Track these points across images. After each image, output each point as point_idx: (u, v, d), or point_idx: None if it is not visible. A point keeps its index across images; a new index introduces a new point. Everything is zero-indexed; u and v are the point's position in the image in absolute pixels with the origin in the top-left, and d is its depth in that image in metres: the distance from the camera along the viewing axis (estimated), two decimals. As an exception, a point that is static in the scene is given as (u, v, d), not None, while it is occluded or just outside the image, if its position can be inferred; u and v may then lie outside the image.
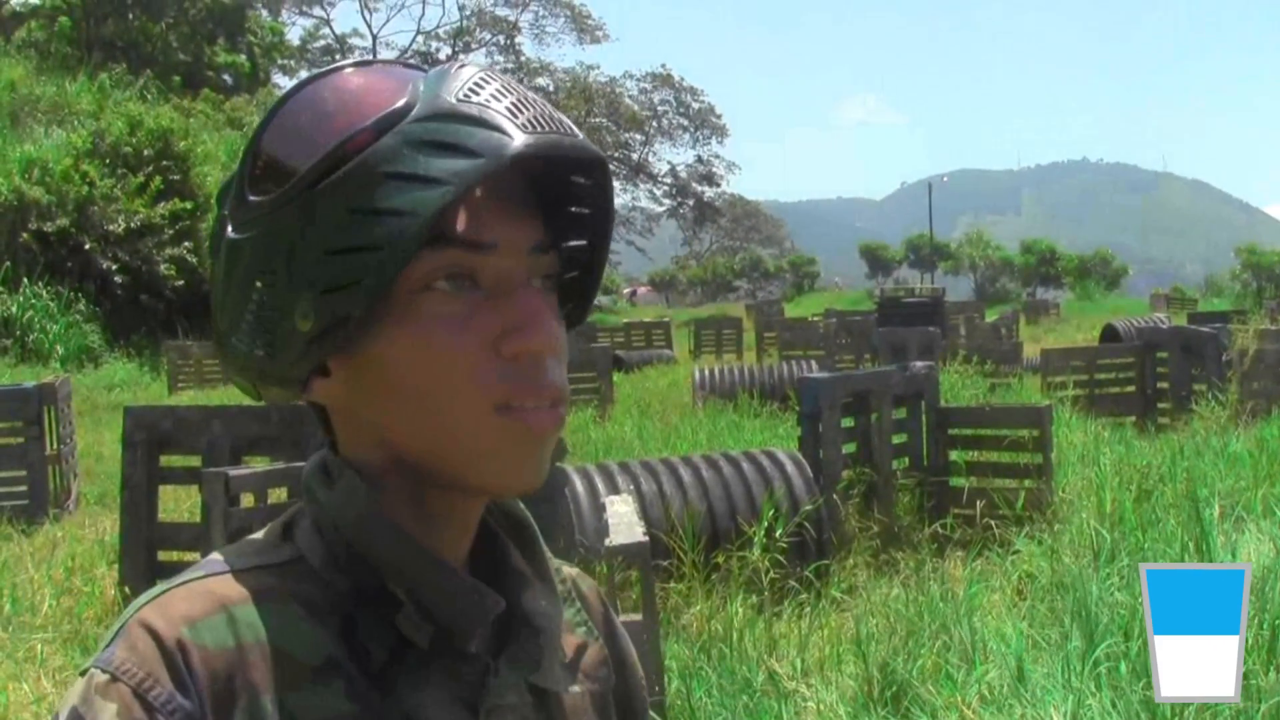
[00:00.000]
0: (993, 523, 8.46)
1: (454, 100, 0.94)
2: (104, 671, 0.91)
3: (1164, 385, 15.78)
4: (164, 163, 28.75)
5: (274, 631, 0.96)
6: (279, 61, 59.45)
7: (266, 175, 0.98)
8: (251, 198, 0.98)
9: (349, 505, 1.00)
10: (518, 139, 0.92)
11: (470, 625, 1.00)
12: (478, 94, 0.95)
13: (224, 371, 1.09)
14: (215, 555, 1.03)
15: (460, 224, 0.95)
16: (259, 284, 0.97)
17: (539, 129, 0.94)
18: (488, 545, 1.10)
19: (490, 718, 1.01)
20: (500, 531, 1.11)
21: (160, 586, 0.99)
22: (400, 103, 0.95)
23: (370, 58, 1.04)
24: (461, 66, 0.98)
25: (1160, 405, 15.68)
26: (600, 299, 64.11)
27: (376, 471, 1.01)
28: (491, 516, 1.11)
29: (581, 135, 0.98)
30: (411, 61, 1.04)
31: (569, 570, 1.22)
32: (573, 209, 1.04)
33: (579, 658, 1.14)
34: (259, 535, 1.06)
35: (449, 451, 0.98)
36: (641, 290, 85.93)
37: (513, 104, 0.95)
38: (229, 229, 1.00)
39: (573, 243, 1.05)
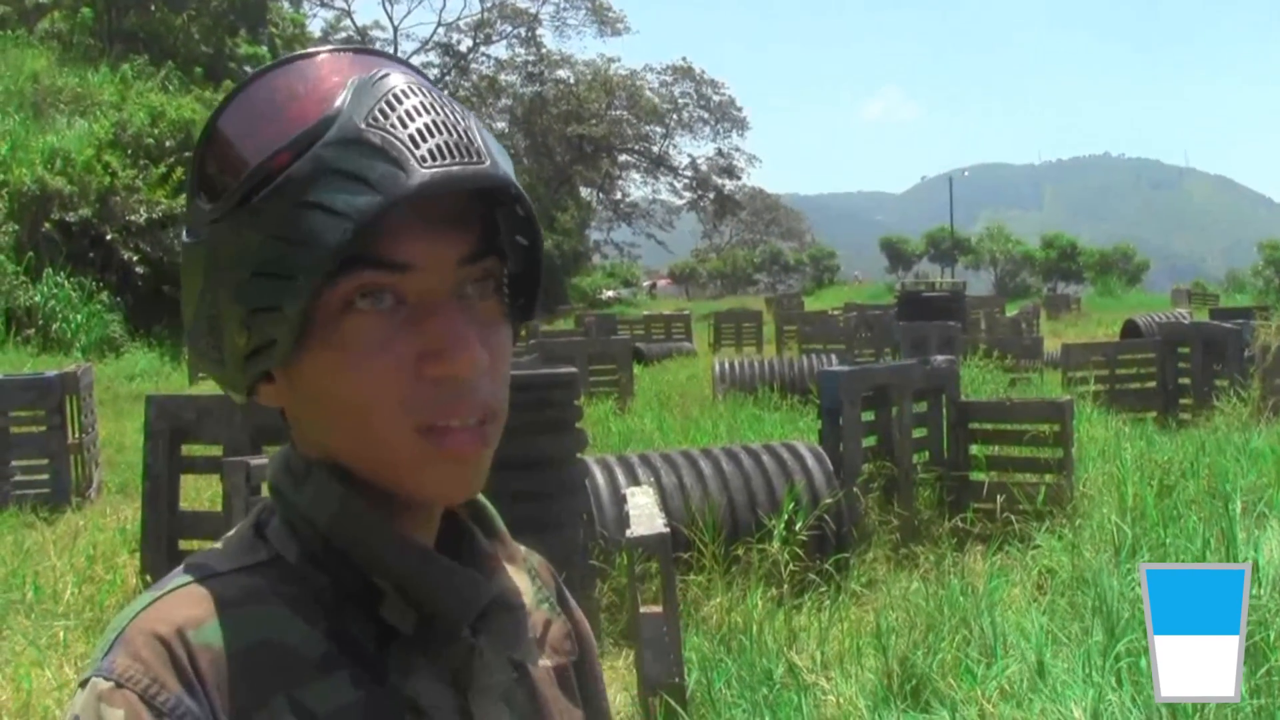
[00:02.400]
0: (1013, 517, 8.45)
1: (362, 125, 0.93)
2: (106, 679, 0.91)
3: (1185, 381, 15.72)
4: (186, 154, 28.65)
5: (272, 630, 0.97)
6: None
7: (210, 183, 0.99)
8: (199, 203, 1.00)
9: (322, 503, 1.01)
10: (414, 177, 0.92)
11: (465, 613, 1.01)
12: (387, 116, 0.94)
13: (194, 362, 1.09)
14: (194, 560, 1.03)
15: (377, 245, 0.95)
16: (205, 291, 0.99)
17: (439, 159, 0.93)
18: (452, 530, 1.11)
19: (479, 697, 1.03)
20: (462, 515, 1.12)
21: (149, 595, 0.98)
22: (322, 116, 0.94)
23: (318, 49, 1.03)
24: (384, 76, 0.97)
25: (1182, 401, 15.62)
26: (620, 291, 64.24)
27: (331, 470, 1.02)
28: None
29: (490, 160, 0.96)
30: (368, 49, 1.04)
31: (520, 548, 1.23)
32: (518, 208, 1.02)
33: (545, 633, 1.16)
34: (230, 536, 1.06)
35: (376, 467, 0.99)
36: (661, 283, 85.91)
37: (419, 130, 0.94)
38: (184, 230, 1.02)
39: (519, 240, 1.04)
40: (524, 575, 1.13)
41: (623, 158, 69.86)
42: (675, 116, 69.09)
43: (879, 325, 24.86)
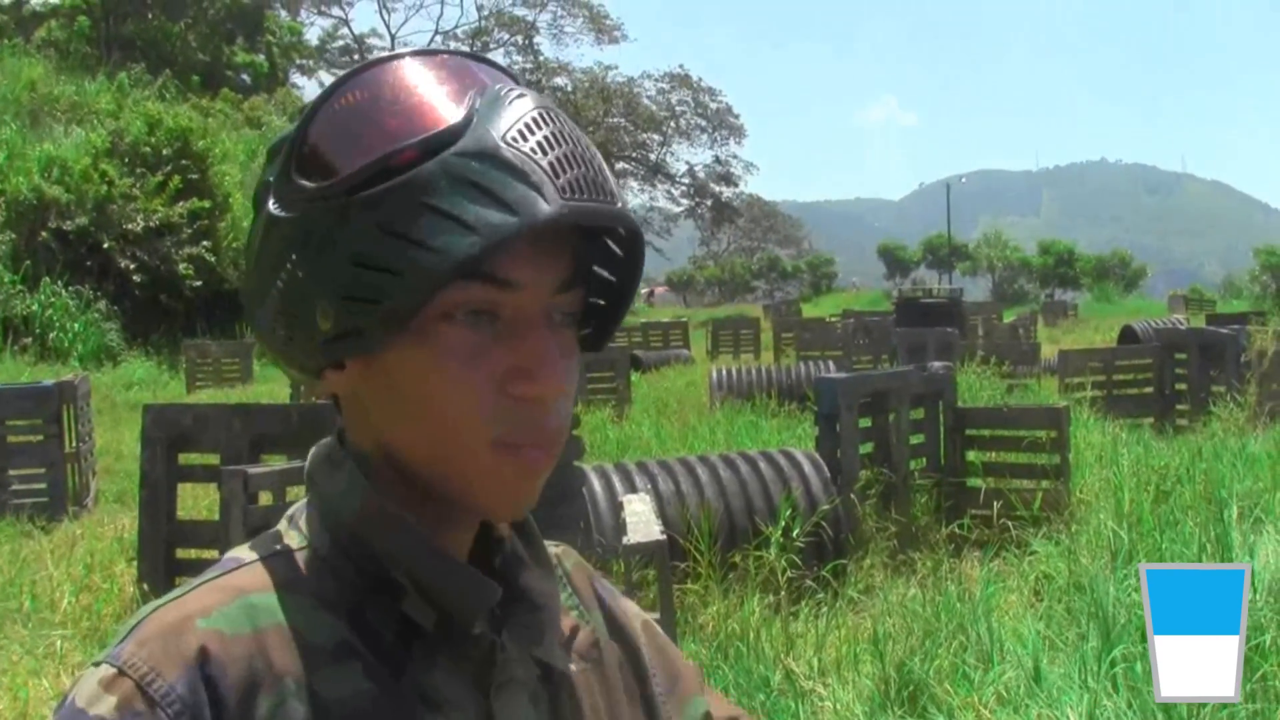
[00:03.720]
0: (1010, 523, 8.45)
1: (500, 142, 0.93)
2: (112, 666, 0.93)
3: (1182, 387, 15.75)
4: (182, 162, 28.79)
5: (290, 616, 0.98)
6: (297, 61, 59.63)
7: (313, 161, 0.98)
8: (296, 179, 0.98)
9: (350, 496, 1.02)
10: (553, 205, 0.92)
11: (471, 612, 1.01)
12: (526, 139, 0.94)
13: (251, 329, 1.10)
14: (229, 555, 1.05)
15: (491, 262, 0.95)
16: (289, 265, 0.98)
17: (577, 194, 0.93)
18: (483, 531, 1.11)
19: (501, 692, 1.03)
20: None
21: (177, 590, 1.00)
22: (453, 122, 0.94)
23: (438, 48, 1.03)
24: (519, 97, 0.97)
25: (1178, 407, 15.64)
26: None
27: (376, 465, 1.03)
28: None
29: (621, 204, 0.97)
30: (482, 56, 1.03)
31: (552, 549, 1.23)
32: (610, 242, 1.04)
33: (572, 638, 1.15)
34: (267, 532, 1.07)
35: (444, 473, 1.00)
36: (659, 290, 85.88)
37: (558, 159, 0.94)
38: (270, 201, 1.00)
39: (604, 275, 1.06)
40: (555, 580, 1.13)
41: (620, 165, 69.81)
42: (672, 124, 69.11)
43: (876, 332, 24.90)
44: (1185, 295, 50.79)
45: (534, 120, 0.95)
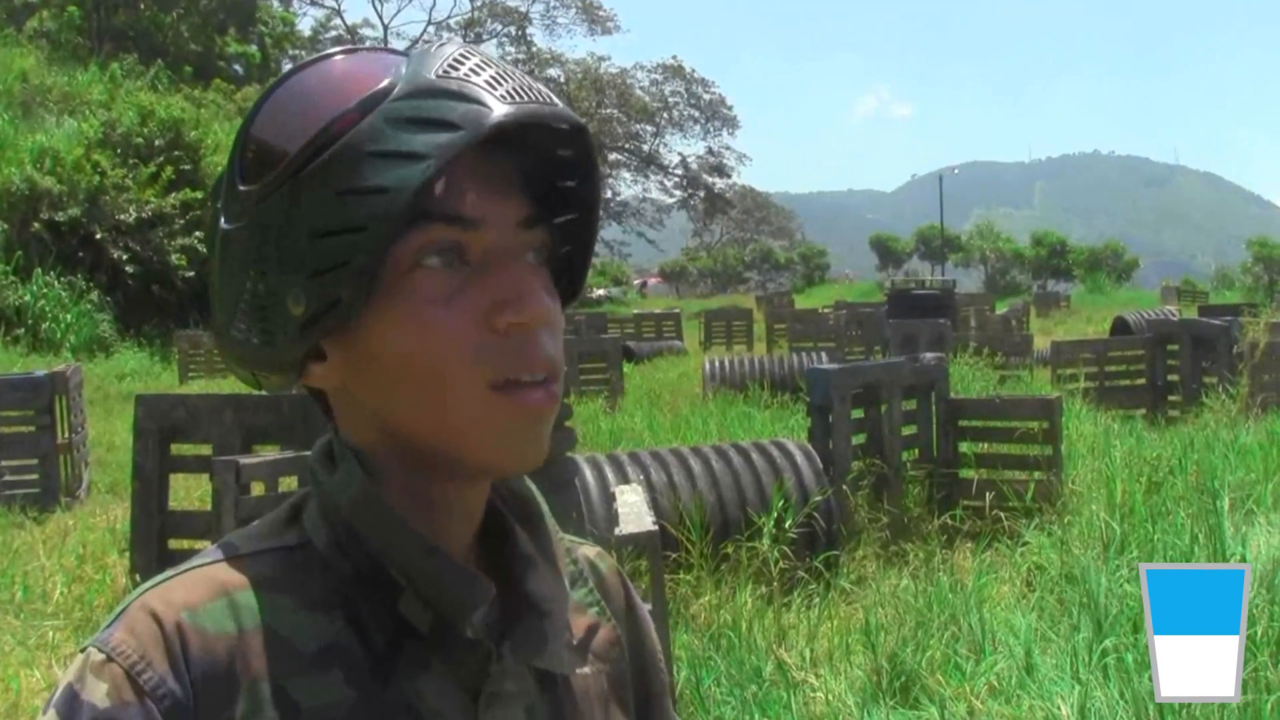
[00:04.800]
0: (1002, 514, 8.45)
1: (434, 76, 0.94)
2: (100, 651, 0.92)
3: (1174, 378, 15.77)
4: (175, 152, 28.77)
5: (274, 617, 0.96)
6: (290, 52, 59.45)
7: (255, 164, 0.98)
8: (242, 187, 0.99)
9: (347, 489, 1.00)
10: (498, 109, 0.93)
11: (462, 612, 0.99)
12: (458, 69, 0.95)
13: (224, 363, 1.09)
14: (226, 539, 1.03)
15: (445, 200, 0.95)
16: (251, 272, 0.98)
17: (518, 99, 0.94)
18: (493, 528, 1.09)
19: (490, 705, 1.01)
20: (506, 513, 1.10)
21: (167, 572, 0.99)
22: (384, 83, 0.95)
23: (356, 45, 1.04)
24: (442, 44, 0.98)
25: (1170, 398, 15.68)
26: (611, 290, 64.24)
27: (375, 456, 1.01)
28: (498, 497, 1.10)
29: (561, 104, 0.97)
30: (395, 48, 1.04)
31: (586, 550, 1.22)
32: (563, 184, 1.03)
33: (589, 638, 1.13)
34: (269, 518, 1.05)
35: (447, 433, 0.98)
36: (652, 281, 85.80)
37: (492, 77, 0.95)
38: (221, 220, 1.01)
39: (564, 218, 1.05)
40: (564, 578, 1.10)
41: (613, 156, 69.77)
42: (665, 115, 69.11)
43: (869, 323, 24.86)
44: (1178, 287, 50.77)
45: (461, 55, 0.97)
